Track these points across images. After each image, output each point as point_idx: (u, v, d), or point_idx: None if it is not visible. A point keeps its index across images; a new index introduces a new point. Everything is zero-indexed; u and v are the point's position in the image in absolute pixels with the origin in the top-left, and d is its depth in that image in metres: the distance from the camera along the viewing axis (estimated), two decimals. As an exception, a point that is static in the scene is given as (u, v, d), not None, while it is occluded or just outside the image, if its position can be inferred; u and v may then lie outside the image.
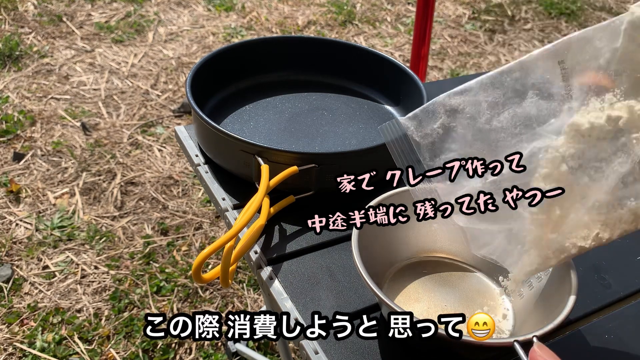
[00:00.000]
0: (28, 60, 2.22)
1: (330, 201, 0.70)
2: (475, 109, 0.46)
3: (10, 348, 1.24)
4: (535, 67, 0.44)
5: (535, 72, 0.44)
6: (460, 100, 0.46)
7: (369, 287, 0.50)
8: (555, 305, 0.50)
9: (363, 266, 0.51)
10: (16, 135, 1.84)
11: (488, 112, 0.45)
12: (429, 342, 0.49)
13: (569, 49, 0.43)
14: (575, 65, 0.43)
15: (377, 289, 0.49)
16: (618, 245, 0.69)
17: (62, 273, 1.42)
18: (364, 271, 0.51)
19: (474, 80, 0.46)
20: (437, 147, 0.47)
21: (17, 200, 1.62)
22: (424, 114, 0.47)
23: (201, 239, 1.56)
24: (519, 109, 0.44)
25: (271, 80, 0.88)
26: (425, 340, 0.47)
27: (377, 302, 0.59)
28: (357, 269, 0.51)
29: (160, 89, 2.15)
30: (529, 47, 2.68)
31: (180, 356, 1.26)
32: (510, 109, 0.45)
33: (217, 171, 0.73)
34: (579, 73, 0.43)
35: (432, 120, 0.47)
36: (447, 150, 0.46)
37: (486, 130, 0.45)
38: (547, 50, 0.43)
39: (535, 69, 0.44)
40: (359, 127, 0.82)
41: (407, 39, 2.65)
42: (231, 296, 1.41)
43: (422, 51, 1.51)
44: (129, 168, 1.77)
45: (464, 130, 0.46)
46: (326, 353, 0.52)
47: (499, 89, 0.45)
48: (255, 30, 2.62)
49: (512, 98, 0.45)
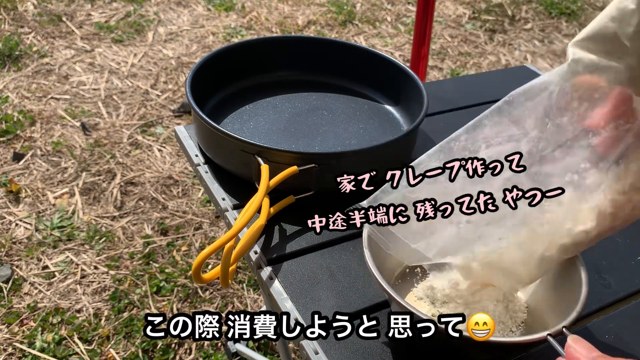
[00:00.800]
0: (28, 60, 2.22)
1: (330, 201, 0.70)
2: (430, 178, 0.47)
3: (10, 348, 1.24)
4: (482, 125, 0.45)
5: (483, 129, 0.45)
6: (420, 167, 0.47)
7: (380, 286, 0.49)
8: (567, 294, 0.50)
9: (374, 264, 0.51)
10: (16, 135, 1.84)
11: (442, 178, 0.46)
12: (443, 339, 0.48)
13: (512, 103, 0.44)
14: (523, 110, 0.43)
15: (389, 287, 0.49)
16: (618, 245, 0.69)
17: (62, 273, 1.42)
18: (375, 270, 0.50)
19: (424, 155, 0.47)
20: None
21: (16, 200, 1.61)
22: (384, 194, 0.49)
23: (201, 239, 1.56)
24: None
25: (271, 80, 0.88)
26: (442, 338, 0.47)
27: (377, 303, 0.58)
28: (369, 267, 0.51)
29: (160, 89, 2.15)
30: (529, 47, 2.68)
31: (180, 356, 1.26)
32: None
33: (217, 171, 0.73)
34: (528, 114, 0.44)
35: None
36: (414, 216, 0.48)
37: (448, 190, 0.46)
38: (489, 110, 0.45)
39: (482, 127, 0.45)
40: (359, 127, 0.81)
41: (407, 38, 2.65)
42: (231, 296, 1.41)
43: (422, 51, 1.51)
44: (128, 168, 1.77)
45: (426, 195, 0.47)
46: (326, 353, 0.52)
47: (448, 154, 0.46)
48: (255, 30, 2.62)
49: (464, 156, 0.45)
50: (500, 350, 0.52)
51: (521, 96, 0.44)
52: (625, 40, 0.41)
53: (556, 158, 0.43)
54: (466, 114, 0.92)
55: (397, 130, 0.82)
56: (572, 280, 0.52)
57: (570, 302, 0.50)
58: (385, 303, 0.58)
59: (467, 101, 0.95)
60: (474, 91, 0.98)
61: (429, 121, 0.88)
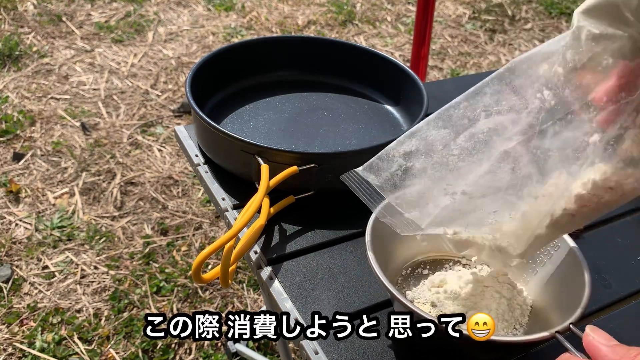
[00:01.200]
0: (28, 60, 2.22)
1: (330, 201, 0.70)
2: (428, 146, 0.46)
3: (10, 348, 1.24)
4: (482, 93, 0.44)
5: (483, 98, 0.44)
6: (412, 142, 0.46)
7: (383, 285, 0.49)
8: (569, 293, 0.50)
9: (377, 264, 0.51)
10: (16, 135, 1.84)
11: (440, 146, 0.45)
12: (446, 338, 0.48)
13: (513, 71, 0.43)
14: (525, 79, 0.43)
15: (392, 286, 0.49)
16: (618, 245, 0.69)
17: (62, 273, 1.42)
18: (378, 270, 0.50)
19: (423, 121, 0.46)
20: (399, 185, 0.47)
21: (16, 200, 1.61)
22: (380, 161, 0.48)
23: (201, 239, 1.56)
24: (473, 129, 0.44)
25: (271, 80, 0.88)
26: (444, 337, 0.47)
27: (377, 303, 0.58)
28: (372, 267, 0.51)
29: (160, 89, 2.15)
30: (529, 46, 2.68)
31: (180, 356, 1.26)
32: (465, 132, 0.44)
33: (217, 171, 0.73)
34: (529, 84, 0.43)
35: (389, 166, 0.47)
36: (410, 185, 0.47)
37: (444, 159, 0.45)
38: (490, 77, 0.44)
39: (483, 95, 0.44)
40: (359, 127, 0.81)
41: (407, 38, 2.65)
42: (231, 296, 1.41)
43: (422, 51, 1.51)
44: (128, 168, 1.77)
45: (423, 165, 0.46)
46: (326, 353, 0.52)
47: (447, 121, 0.45)
48: (255, 30, 2.62)
49: (464, 125, 0.44)
50: (504, 350, 0.51)
51: (523, 64, 0.43)
52: (628, 13, 0.40)
53: (556, 132, 0.42)
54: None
55: (397, 130, 0.82)
56: (574, 279, 0.52)
57: (572, 300, 0.50)
58: (385, 303, 0.58)
59: (467, 101, 0.94)
60: (474, 91, 0.98)
61: (429, 121, 0.88)
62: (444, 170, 0.45)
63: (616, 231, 0.72)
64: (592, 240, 0.70)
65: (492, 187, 0.45)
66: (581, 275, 0.51)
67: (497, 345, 0.47)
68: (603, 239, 0.70)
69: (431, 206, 0.47)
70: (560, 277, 0.55)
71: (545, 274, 0.56)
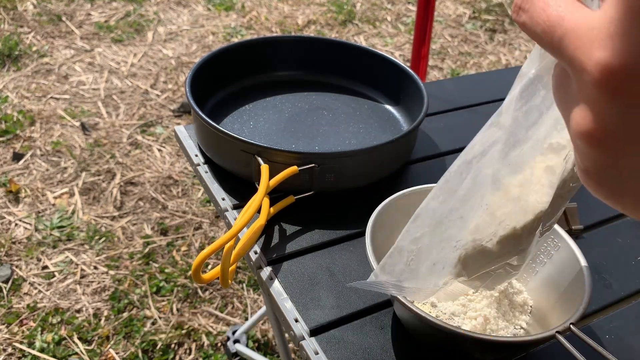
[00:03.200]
0: (27, 59, 2.22)
1: (330, 201, 0.70)
2: (432, 220, 0.45)
3: (10, 348, 1.24)
4: (472, 145, 0.44)
5: (473, 149, 0.44)
6: (416, 224, 0.46)
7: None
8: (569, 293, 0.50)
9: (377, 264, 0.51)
10: (15, 135, 1.84)
11: (441, 208, 0.45)
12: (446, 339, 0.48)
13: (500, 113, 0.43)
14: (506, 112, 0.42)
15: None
16: (618, 245, 0.69)
17: (62, 273, 1.42)
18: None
19: (423, 204, 0.46)
20: (415, 269, 0.47)
21: (16, 200, 1.61)
22: (392, 260, 0.47)
23: (201, 239, 1.56)
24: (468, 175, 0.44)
25: (271, 80, 0.88)
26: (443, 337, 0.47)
27: (377, 303, 0.58)
28: (372, 267, 0.51)
29: (160, 89, 2.15)
30: (529, 46, 2.68)
31: (180, 356, 1.26)
32: (462, 184, 0.44)
33: (217, 171, 0.73)
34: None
35: (400, 259, 0.47)
36: (424, 261, 0.46)
37: (450, 222, 0.45)
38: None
39: (472, 148, 0.44)
40: (359, 127, 0.81)
41: (407, 38, 2.65)
42: (231, 296, 1.41)
43: (423, 51, 1.51)
44: (128, 168, 1.77)
45: (430, 239, 0.46)
46: (326, 353, 0.52)
47: (446, 184, 0.45)
48: (255, 29, 2.62)
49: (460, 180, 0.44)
50: (505, 350, 0.51)
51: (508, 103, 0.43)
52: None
53: (529, 137, 0.42)
54: (466, 114, 0.92)
55: (397, 130, 0.82)
56: (574, 279, 0.52)
57: (572, 300, 0.50)
58: (385, 303, 0.58)
59: (467, 101, 0.94)
60: (474, 91, 0.98)
61: (429, 121, 0.88)
62: (452, 228, 0.45)
63: (616, 231, 0.71)
64: (592, 240, 0.69)
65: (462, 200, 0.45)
66: (581, 275, 0.51)
67: (497, 345, 0.47)
68: (603, 239, 0.70)
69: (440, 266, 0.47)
70: (560, 277, 0.55)
71: (545, 274, 0.56)
